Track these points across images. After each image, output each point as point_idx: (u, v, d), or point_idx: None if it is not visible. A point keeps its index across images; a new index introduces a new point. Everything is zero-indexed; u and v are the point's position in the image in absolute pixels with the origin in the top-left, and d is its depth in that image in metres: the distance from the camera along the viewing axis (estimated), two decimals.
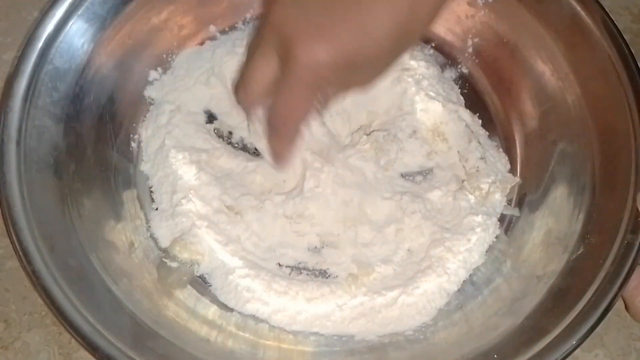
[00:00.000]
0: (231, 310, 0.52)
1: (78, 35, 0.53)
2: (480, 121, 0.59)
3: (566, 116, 0.55)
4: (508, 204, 0.56)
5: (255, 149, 0.57)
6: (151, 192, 0.56)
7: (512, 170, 0.58)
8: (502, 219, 0.56)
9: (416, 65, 0.59)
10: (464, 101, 0.60)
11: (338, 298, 0.51)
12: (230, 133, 0.58)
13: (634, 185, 0.49)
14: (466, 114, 0.58)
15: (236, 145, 0.58)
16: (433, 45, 0.62)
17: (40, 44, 0.51)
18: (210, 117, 0.59)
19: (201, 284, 0.53)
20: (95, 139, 0.54)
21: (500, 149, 0.58)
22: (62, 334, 0.51)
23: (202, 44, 0.61)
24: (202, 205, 0.54)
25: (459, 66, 0.62)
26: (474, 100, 0.60)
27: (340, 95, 0.47)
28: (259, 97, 0.48)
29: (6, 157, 0.48)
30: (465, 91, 0.61)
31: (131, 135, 0.57)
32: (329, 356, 0.50)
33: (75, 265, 0.47)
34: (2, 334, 0.51)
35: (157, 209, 0.55)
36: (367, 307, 0.52)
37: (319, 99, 0.45)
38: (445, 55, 0.62)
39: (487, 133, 0.59)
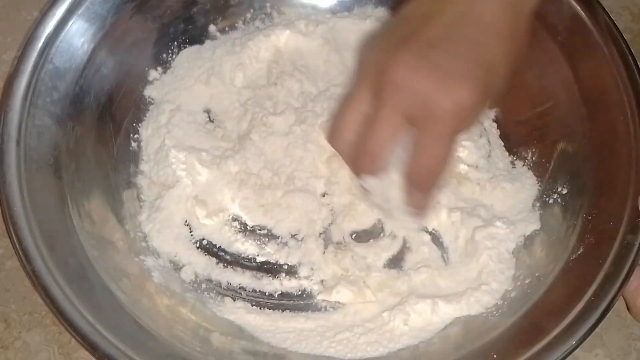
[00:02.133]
0: None
1: (78, 35, 0.53)
2: (491, 119, 0.59)
3: (566, 116, 0.55)
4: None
5: None
6: None
7: (512, 170, 0.57)
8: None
9: None
10: None
11: (334, 334, 0.50)
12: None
13: (633, 185, 0.49)
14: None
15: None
16: None
17: (40, 43, 0.51)
18: (210, 117, 0.59)
19: (200, 284, 0.53)
20: (95, 139, 0.54)
21: (504, 149, 0.58)
22: (62, 333, 0.51)
23: (202, 43, 0.61)
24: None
25: None
26: None
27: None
28: (386, 162, 0.45)
29: (6, 156, 0.48)
30: None
31: (131, 135, 0.57)
32: (328, 356, 0.50)
33: (75, 265, 0.47)
34: (2, 334, 0.51)
35: None
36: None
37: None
38: None
39: (499, 132, 0.59)
